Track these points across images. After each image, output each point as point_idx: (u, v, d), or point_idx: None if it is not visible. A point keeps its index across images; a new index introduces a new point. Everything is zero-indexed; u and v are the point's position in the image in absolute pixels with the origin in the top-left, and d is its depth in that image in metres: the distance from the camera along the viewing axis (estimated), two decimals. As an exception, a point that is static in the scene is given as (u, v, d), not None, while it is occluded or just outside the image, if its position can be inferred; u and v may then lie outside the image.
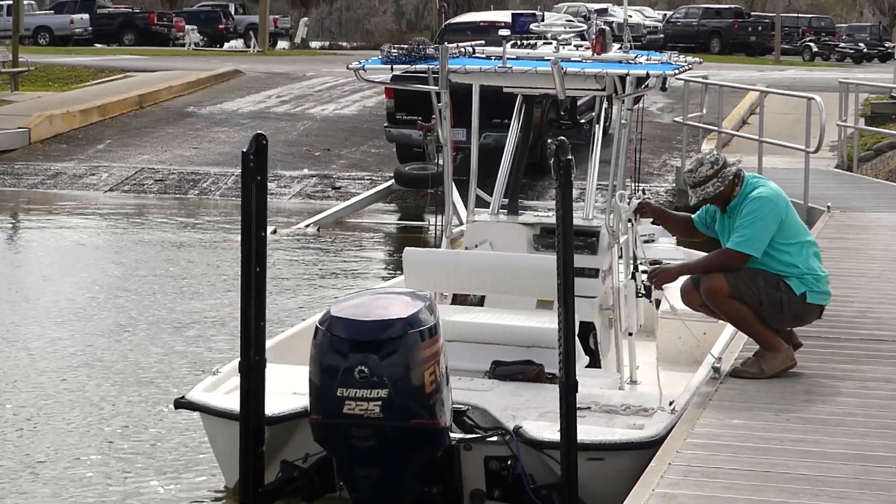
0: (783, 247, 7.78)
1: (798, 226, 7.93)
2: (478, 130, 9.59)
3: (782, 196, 7.87)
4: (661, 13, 63.03)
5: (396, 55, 8.83)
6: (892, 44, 50.01)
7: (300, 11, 66.81)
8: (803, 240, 7.89)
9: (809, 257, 7.88)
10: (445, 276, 8.83)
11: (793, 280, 7.79)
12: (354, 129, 25.83)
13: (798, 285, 7.79)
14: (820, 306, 7.96)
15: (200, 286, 14.31)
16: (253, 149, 6.89)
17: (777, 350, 7.88)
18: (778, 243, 7.77)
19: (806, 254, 7.86)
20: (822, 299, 7.93)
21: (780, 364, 7.87)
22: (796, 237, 7.85)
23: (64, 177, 22.88)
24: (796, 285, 7.79)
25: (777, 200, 7.78)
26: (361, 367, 6.55)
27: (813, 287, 7.83)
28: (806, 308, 7.86)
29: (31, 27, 51.02)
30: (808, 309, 7.88)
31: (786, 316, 7.88)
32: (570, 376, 6.58)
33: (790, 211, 7.87)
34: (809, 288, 7.81)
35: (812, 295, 7.83)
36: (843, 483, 6.07)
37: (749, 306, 7.78)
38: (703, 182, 7.76)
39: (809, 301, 7.83)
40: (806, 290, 7.80)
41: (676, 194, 19.84)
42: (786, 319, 7.93)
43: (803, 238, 7.90)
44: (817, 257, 7.94)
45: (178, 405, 7.84)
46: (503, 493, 7.17)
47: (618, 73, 8.56)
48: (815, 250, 7.95)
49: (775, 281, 7.78)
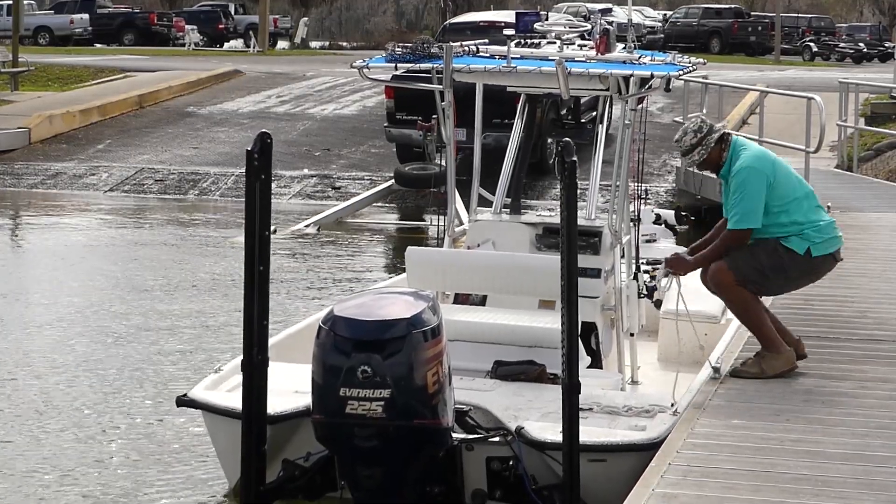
0: (778, 208, 7.80)
1: (789, 184, 7.91)
2: (480, 130, 9.59)
3: (766, 159, 7.88)
4: (662, 13, 62.99)
5: (401, 54, 8.83)
6: (892, 44, 50.02)
7: (300, 11, 66.78)
8: (798, 195, 7.90)
9: (809, 210, 7.90)
10: (447, 275, 8.83)
11: (792, 240, 7.81)
12: (354, 129, 25.84)
13: (799, 243, 7.81)
14: (830, 255, 7.94)
15: (201, 286, 14.32)
16: (257, 147, 6.89)
17: (778, 351, 7.90)
18: (772, 206, 7.78)
19: (806, 207, 7.89)
20: (830, 247, 7.92)
21: (782, 366, 7.89)
22: (791, 195, 7.86)
23: (64, 177, 22.88)
24: (797, 244, 7.82)
25: (760, 166, 7.79)
26: (364, 367, 6.55)
27: (815, 240, 7.84)
28: (813, 263, 7.89)
29: (31, 27, 50.98)
30: (817, 263, 7.90)
31: (794, 278, 7.94)
32: (573, 377, 6.59)
33: (778, 171, 7.86)
34: (812, 242, 7.83)
35: (816, 247, 7.84)
36: (843, 483, 6.08)
37: (756, 283, 7.81)
38: (690, 151, 7.90)
39: (816, 255, 7.85)
40: (809, 245, 7.82)
41: (676, 194, 19.86)
42: (797, 281, 7.98)
43: (798, 194, 7.91)
44: (818, 208, 7.97)
45: (180, 403, 7.84)
46: (505, 493, 7.18)
47: (622, 73, 8.56)
48: (813, 203, 7.96)
49: (773, 247, 7.80)
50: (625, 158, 9.03)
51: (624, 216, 9.27)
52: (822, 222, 7.89)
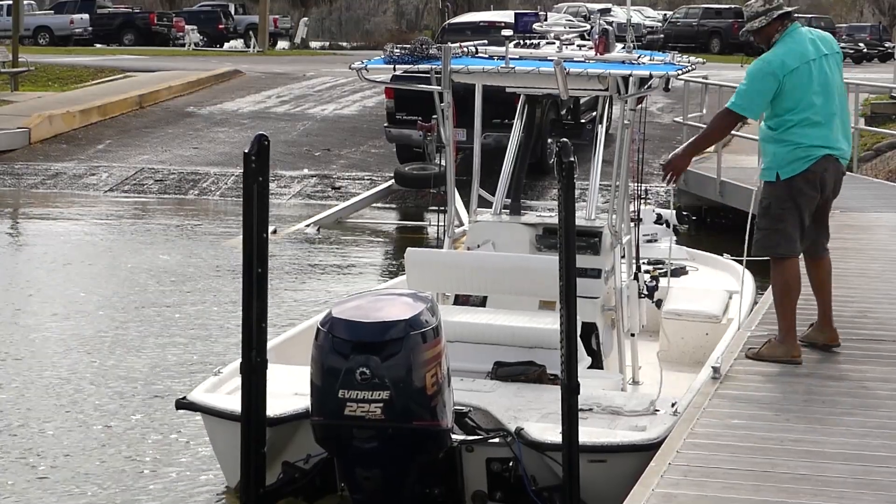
0: (773, 121, 7.91)
1: (793, 98, 7.88)
2: (480, 130, 9.59)
3: (787, 62, 7.87)
4: (662, 13, 62.98)
5: (399, 55, 8.82)
6: (892, 44, 49.98)
7: (300, 11, 66.79)
8: (797, 114, 7.88)
9: (797, 129, 7.87)
10: (448, 276, 8.82)
11: (767, 172, 7.97)
12: (354, 129, 25.85)
13: (768, 174, 7.96)
14: (801, 174, 7.88)
15: (201, 286, 14.31)
16: (255, 149, 6.88)
17: (783, 341, 8.10)
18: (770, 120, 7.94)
19: (796, 124, 7.87)
20: (801, 166, 7.88)
21: (780, 354, 8.08)
22: (788, 110, 7.88)
23: (64, 177, 22.88)
24: (768, 175, 7.97)
25: (773, 63, 7.88)
26: (363, 369, 6.54)
27: (783, 161, 7.89)
28: (786, 187, 7.90)
29: (31, 27, 50.99)
30: (788, 185, 7.90)
31: (776, 211, 7.94)
32: (572, 378, 6.58)
33: (801, 77, 7.86)
34: (779, 167, 7.89)
35: (785, 169, 7.89)
36: (843, 483, 6.08)
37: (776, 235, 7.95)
38: (752, 18, 8.09)
39: (785, 177, 7.90)
40: (777, 170, 7.91)
41: (676, 194, 19.84)
42: (785, 214, 7.94)
43: (797, 110, 7.88)
44: (813, 125, 7.90)
45: (179, 406, 7.83)
46: (505, 494, 7.17)
47: (621, 73, 8.55)
48: (812, 119, 7.89)
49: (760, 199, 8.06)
50: (624, 158, 9.03)
51: (624, 216, 9.26)
52: (801, 142, 7.88)
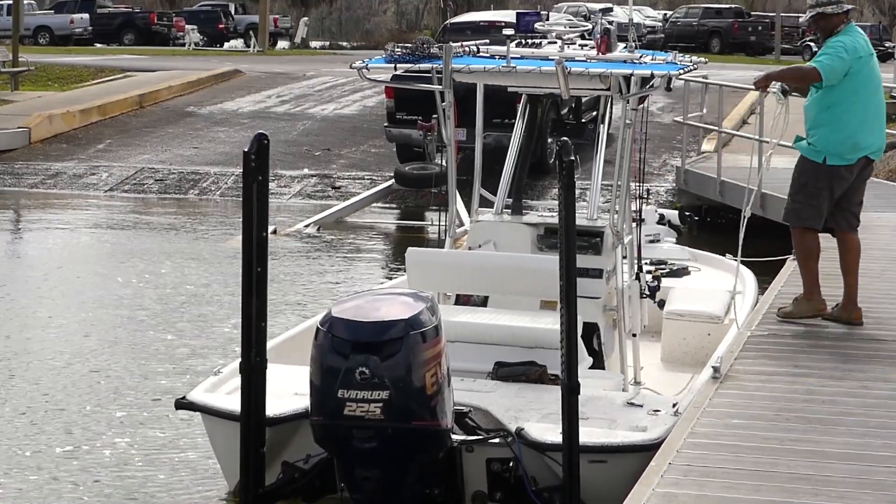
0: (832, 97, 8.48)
1: (854, 85, 8.51)
2: (481, 130, 9.58)
3: (857, 48, 8.52)
4: (662, 13, 62.98)
5: (400, 54, 8.81)
6: (892, 44, 49.96)
7: (300, 11, 66.77)
8: (855, 104, 8.53)
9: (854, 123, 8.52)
10: (448, 276, 8.81)
11: (814, 152, 8.61)
12: (354, 128, 25.84)
13: (815, 154, 8.61)
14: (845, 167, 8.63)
15: (200, 286, 14.30)
16: (254, 148, 6.88)
17: (807, 298, 8.87)
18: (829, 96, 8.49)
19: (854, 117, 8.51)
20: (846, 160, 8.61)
21: (806, 310, 8.97)
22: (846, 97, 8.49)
23: (64, 177, 22.86)
24: (814, 155, 8.62)
25: (849, 45, 8.48)
26: (362, 369, 6.53)
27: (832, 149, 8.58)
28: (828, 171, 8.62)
29: (31, 27, 50.96)
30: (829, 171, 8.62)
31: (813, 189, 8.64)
32: (572, 378, 6.57)
33: (864, 67, 8.52)
34: (827, 152, 8.57)
35: (833, 157, 8.59)
36: (843, 483, 6.07)
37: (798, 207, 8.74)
38: (826, 3, 8.61)
39: (830, 164, 8.61)
40: (825, 154, 8.57)
41: (677, 194, 19.84)
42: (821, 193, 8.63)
43: (856, 100, 8.52)
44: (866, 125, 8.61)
45: (178, 406, 7.82)
46: (505, 494, 7.15)
47: (622, 73, 8.54)
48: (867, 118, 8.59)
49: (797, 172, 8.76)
50: (626, 158, 9.01)
51: (625, 216, 9.25)
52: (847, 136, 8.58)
